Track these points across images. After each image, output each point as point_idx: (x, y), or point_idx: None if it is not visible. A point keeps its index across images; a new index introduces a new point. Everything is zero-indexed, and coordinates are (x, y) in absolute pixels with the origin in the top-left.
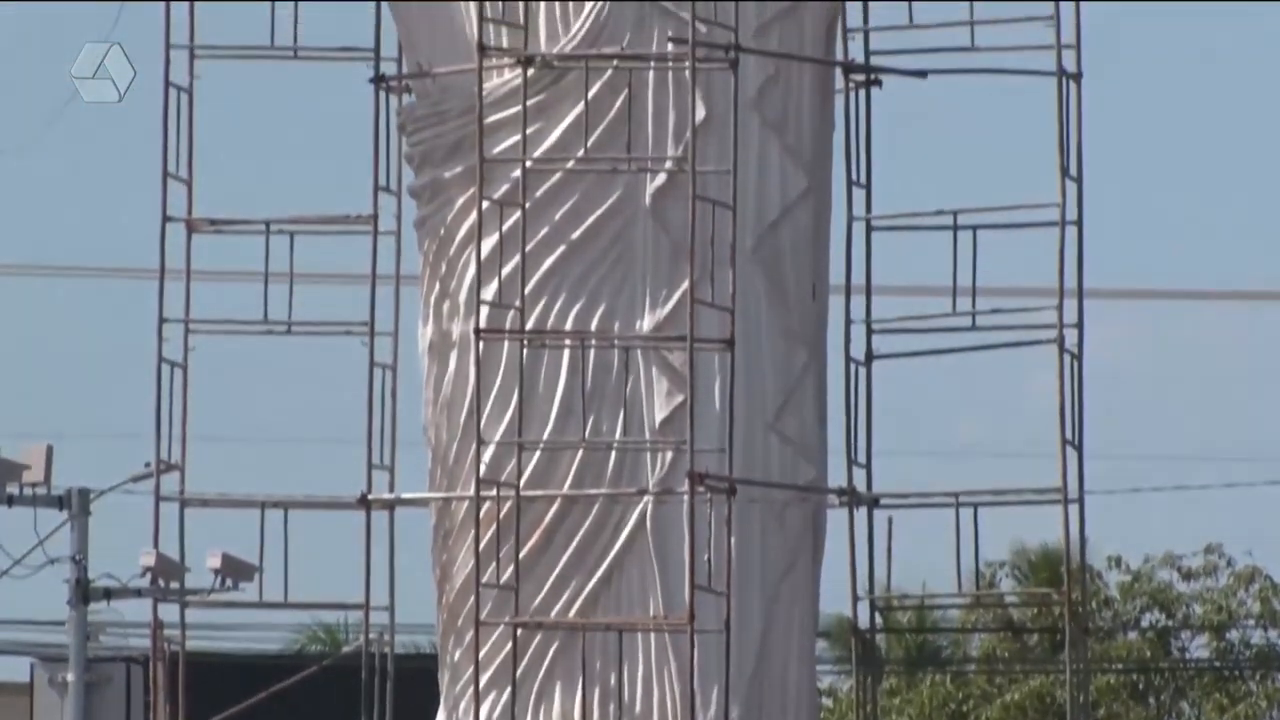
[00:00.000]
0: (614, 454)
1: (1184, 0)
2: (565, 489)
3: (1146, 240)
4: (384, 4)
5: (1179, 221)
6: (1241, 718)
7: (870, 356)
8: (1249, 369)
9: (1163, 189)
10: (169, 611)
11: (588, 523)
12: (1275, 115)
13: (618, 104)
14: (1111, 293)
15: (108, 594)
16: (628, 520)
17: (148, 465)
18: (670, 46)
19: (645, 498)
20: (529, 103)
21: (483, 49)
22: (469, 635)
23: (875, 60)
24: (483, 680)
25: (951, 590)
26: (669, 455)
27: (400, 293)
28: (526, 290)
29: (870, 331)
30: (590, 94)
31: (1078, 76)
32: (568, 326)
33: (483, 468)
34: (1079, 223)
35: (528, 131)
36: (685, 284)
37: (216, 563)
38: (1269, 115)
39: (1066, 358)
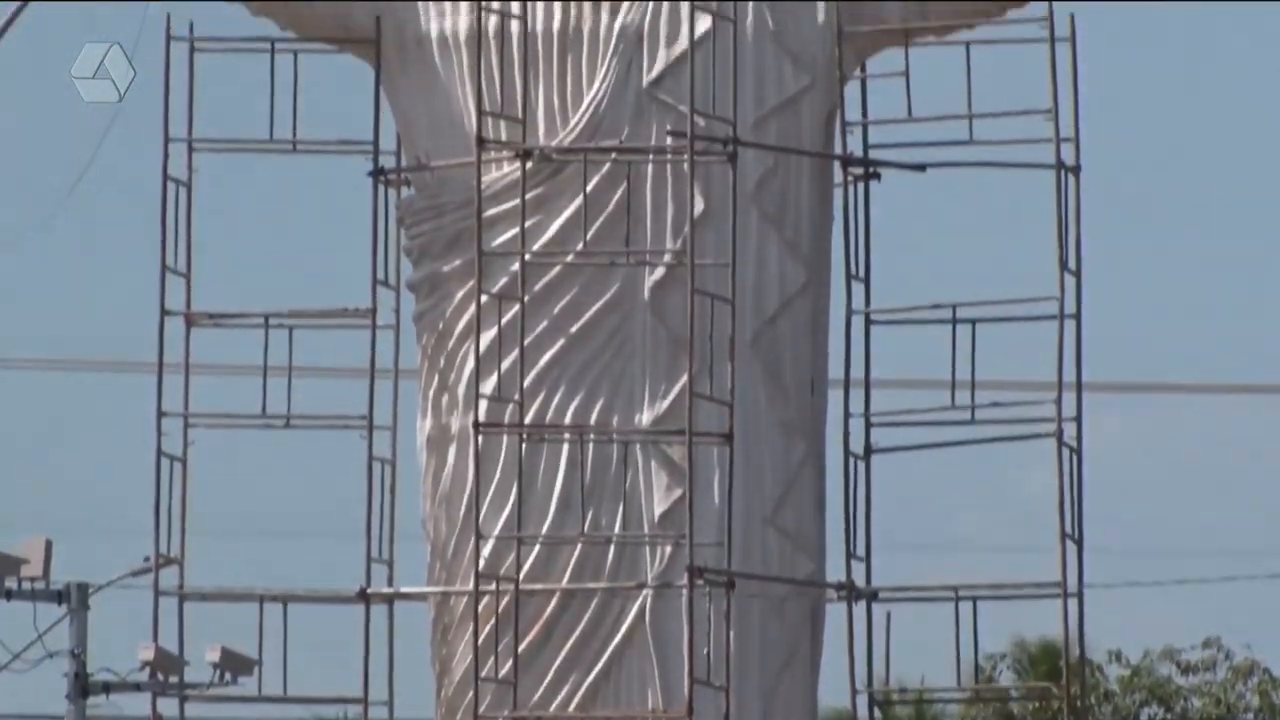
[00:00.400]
0: (613, 548)
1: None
2: (564, 583)
3: (1145, 333)
4: (383, 97)
5: (1179, 314)
6: None
7: (869, 450)
8: (1247, 462)
9: (1162, 282)
10: (168, 706)
11: (587, 616)
12: (1274, 211)
13: (616, 197)
14: (1110, 386)
15: (107, 688)
16: (627, 614)
17: (147, 559)
18: (669, 139)
19: (644, 591)
20: (528, 196)
21: (481, 142)
22: None
23: (874, 153)
24: None
25: (951, 683)
26: (668, 549)
27: (399, 386)
28: (525, 384)
29: (869, 425)
30: (589, 187)
31: (1076, 169)
32: (567, 420)
33: (482, 562)
34: (1077, 316)
35: (526, 224)
36: (684, 378)
37: (216, 656)
38: (1269, 211)
39: (1065, 451)
